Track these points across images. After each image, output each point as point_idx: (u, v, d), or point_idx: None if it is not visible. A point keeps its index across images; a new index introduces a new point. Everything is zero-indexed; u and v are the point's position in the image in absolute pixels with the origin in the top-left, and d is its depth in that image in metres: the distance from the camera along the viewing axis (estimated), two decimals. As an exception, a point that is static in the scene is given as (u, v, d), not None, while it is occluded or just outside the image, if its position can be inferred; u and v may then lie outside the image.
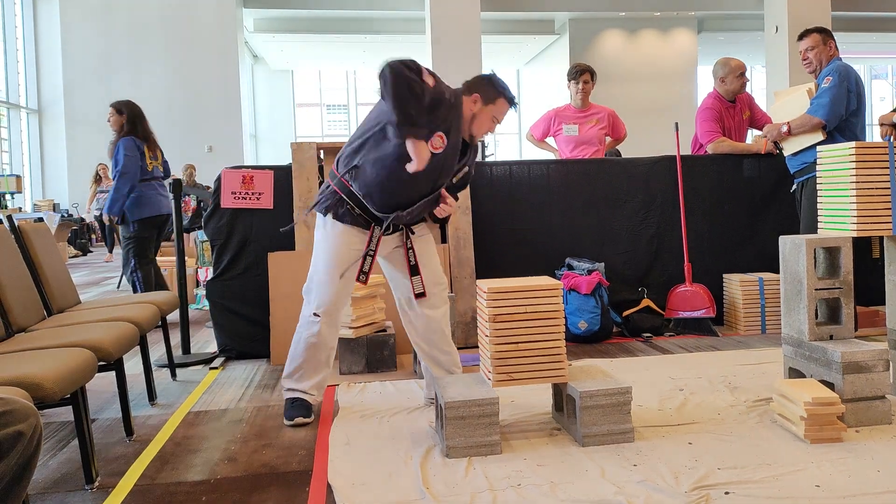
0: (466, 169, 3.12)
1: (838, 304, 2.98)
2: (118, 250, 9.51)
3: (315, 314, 2.99)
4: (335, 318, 3.04)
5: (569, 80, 5.30)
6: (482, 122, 2.96)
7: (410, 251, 3.05)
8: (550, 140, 5.44)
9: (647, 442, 2.66)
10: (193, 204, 8.88)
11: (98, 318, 3.10)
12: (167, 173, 5.57)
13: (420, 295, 3.05)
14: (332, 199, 2.99)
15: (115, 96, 6.79)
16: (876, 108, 25.48)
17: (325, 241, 3.01)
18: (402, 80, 2.67)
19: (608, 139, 5.42)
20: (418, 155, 2.75)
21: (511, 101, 2.98)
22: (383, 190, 2.91)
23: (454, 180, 3.09)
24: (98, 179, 11.85)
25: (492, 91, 2.95)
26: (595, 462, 2.48)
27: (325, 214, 3.00)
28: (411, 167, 2.76)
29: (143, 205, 5.21)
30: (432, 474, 2.43)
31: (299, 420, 3.00)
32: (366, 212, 2.96)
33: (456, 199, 3.12)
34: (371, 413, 3.12)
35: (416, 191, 2.94)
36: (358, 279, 3.01)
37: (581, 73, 5.25)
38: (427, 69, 2.82)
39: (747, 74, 4.98)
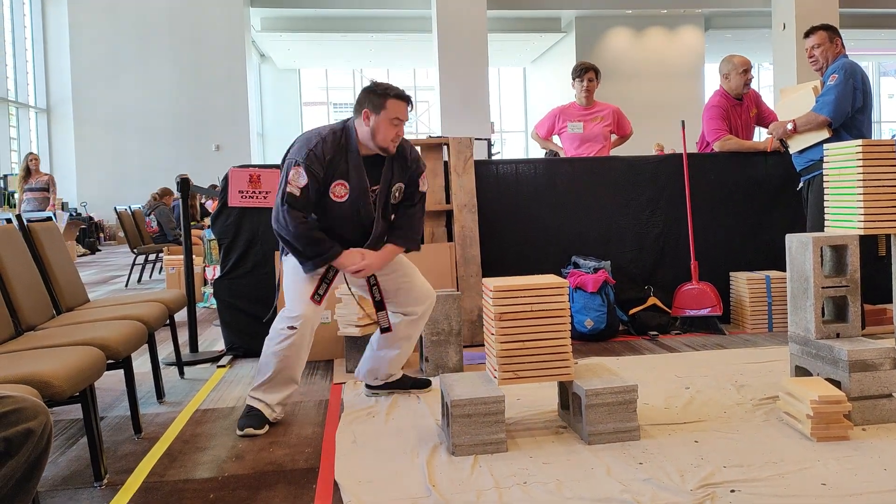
0: (402, 186, 3.13)
1: (845, 303, 2.97)
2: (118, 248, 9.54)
3: (291, 327, 2.97)
4: (308, 333, 3.03)
5: (573, 79, 5.30)
6: (384, 130, 2.97)
7: (374, 287, 3.15)
8: (556, 139, 5.45)
9: (653, 440, 2.66)
10: (154, 226, 8.97)
11: (106, 317, 3.12)
12: None
13: (385, 330, 3.18)
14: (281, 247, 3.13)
15: (124, 95, 6.85)
16: (884, 105, 25.37)
17: (294, 267, 3.07)
18: (297, 240, 2.95)
19: (614, 136, 5.42)
20: (348, 260, 3.00)
21: (400, 96, 2.99)
22: (330, 236, 3.02)
23: (394, 203, 3.14)
24: (27, 174, 10.12)
25: (375, 98, 2.97)
26: (601, 460, 2.48)
27: (284, 255, 3.14)
28: (351, 270, 3.01)
29: None
30: (438, 472, 2.44)
31: (249, 431, 2.91)
32: None
33: (421, 213, 3.22)
34: (377, 411, 3.13)
35: (354, 235, 3.09)
36: (312, 298, 3.03)
37: (585, 72, 5.25)
38: (300, 167, 2.94)
39: (753, 72, 4.96)
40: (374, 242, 3.11)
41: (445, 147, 4.56)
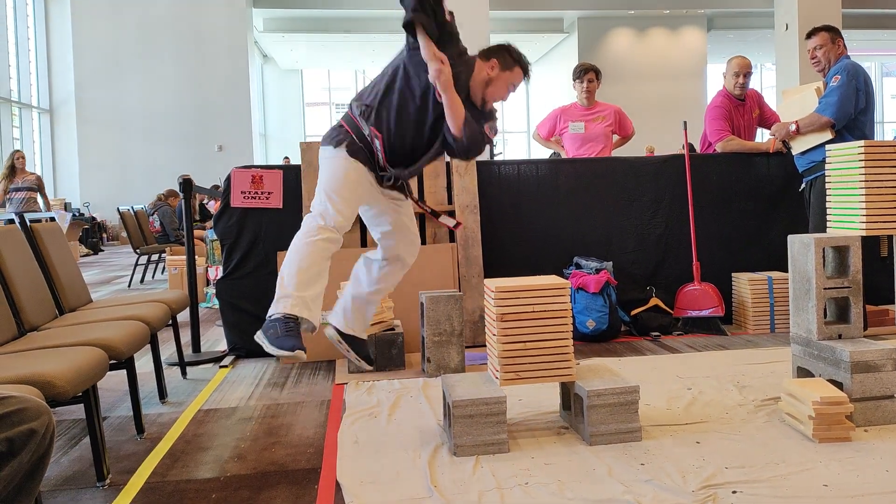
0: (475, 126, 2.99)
1: (847, 304, 2.97)
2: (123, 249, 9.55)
3: (323, 226, 2.78)
4: (339, 237, 2.84)
5: (573, 81, 5.31)
6: (498, 88, 2.98)
7: (420, 203, 3.19)
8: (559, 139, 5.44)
9: (654, 441, 2.66)
10: (157, 225, 8.99)
11: (109, 317, 3.13)
12: None
13: (457, 225, 3.26)
14: (346, 136, 2.93)
15: (126, 96, 6.86)
16: (887, 106, 25.33)
17: (338, 168, 2.88)
18: None
19: (616, 137, 5.42)
20: (429, 49, 2.74)
21: (526, 71, 3.02)
22: (393, 133, 2.90)
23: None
24: (12, 172, 9.36)
25: (509, 59, 2.98)
26: (602, 461, 2.48)
27: (335, 147, 2.91)
28: (431, 69, 2.73)
29: None
30: (440, 472, 2.44)
31: (299, 354, 2.65)
32: (372, 157, 2.94)
33: (463, 156, 3.04)
34: (379, 412, 3.13)
35: (422, 132, 2.93)
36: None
37: (585, 73, 5.25)
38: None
39: (756, 72, 4.96)
40: (424, 162, 3.01)
41: (447, 148, 4.56)
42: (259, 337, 2.75)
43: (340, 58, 21.53)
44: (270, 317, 2.74)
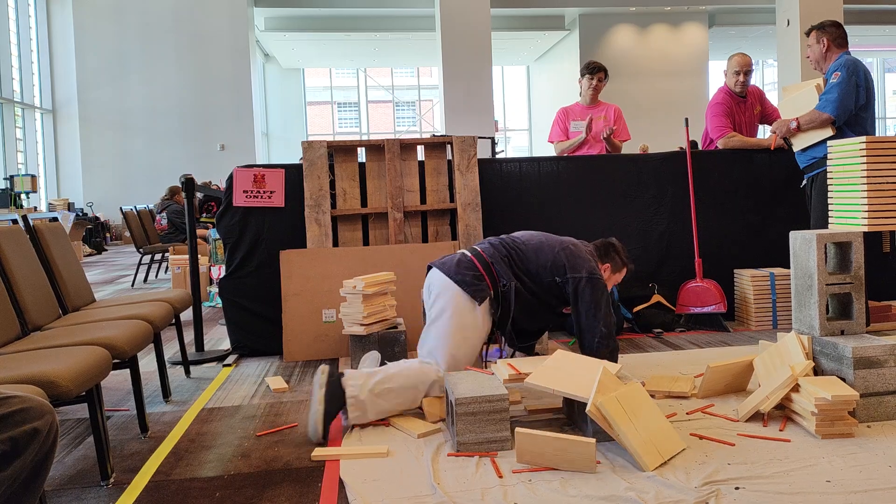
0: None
1: (849, 300, 2.97)
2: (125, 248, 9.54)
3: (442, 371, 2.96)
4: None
5: (582, 75, 5.27)
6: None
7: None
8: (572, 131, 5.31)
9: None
10: (165, 223, 8.98)
11: (112, 317, 3.14)
12: None
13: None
14: (487, 290, 3.06)
15: (128, 96, 6.87)
16: (888, 101, 25.28)
17: (475, 325, 3.04)
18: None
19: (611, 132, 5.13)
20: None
21: (630, 271, 3.41)
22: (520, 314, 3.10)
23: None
24: None
25: (619, 261, 3.33)
26: (605, 458, 2.49)
27: (479, 304, 3.03)
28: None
29: None
30: (443, 470, 2.44)
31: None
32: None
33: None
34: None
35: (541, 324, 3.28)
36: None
37: (597, 71, 5.23)
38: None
39: (756, 69, 4.94)
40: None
41: (449, 146, 4.57)
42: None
43: (342, 56, 21.55)
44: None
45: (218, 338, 4.97)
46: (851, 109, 4.00)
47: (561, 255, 3.07)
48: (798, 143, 4.28)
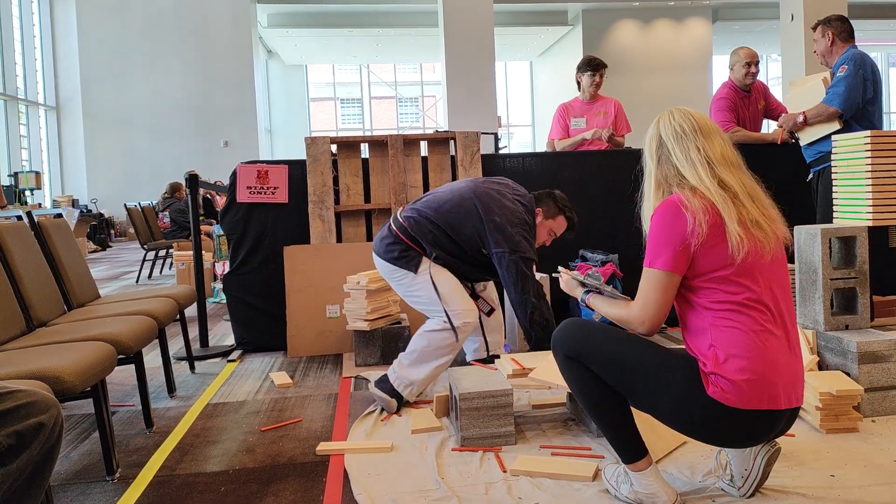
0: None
1: (854, 294, 2.97)
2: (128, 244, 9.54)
3: (460, 324, 3.02)
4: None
5: (582, 72, 5.24)
6: (539, 234, 3.35)
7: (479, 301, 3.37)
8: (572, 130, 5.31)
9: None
10: (167, 221, 9.00)
11: (117, 312, 3.14)
12: None
13: (490, 311, 3.43)
14: (418, 256, 3.12)
15: (132, 92, 6.88)
16: (894, 96, 25.20)
17: (438, 273, 3.09)
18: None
19: (610, 132, 5.14)
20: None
21: (572, 225, 3.49)
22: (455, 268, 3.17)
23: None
24: None
25: (554, 207, 3.40)
26: (610, 451, 2.49)
27: (416, 271, 3.09)
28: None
29: None
30: (447, 465, 2.45)
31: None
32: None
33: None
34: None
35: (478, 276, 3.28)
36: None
37: (598, 67, 5.20)
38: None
39: (761, 64, 4.92)
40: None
41: (452, 141, 4.56)
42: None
43: (345, 53, 21.52)
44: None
45: (222, 333, 4.98)
46: (859, 103, 3.99)
47: (483, 230, 3.07)
48: (805, 137, 4.26)
